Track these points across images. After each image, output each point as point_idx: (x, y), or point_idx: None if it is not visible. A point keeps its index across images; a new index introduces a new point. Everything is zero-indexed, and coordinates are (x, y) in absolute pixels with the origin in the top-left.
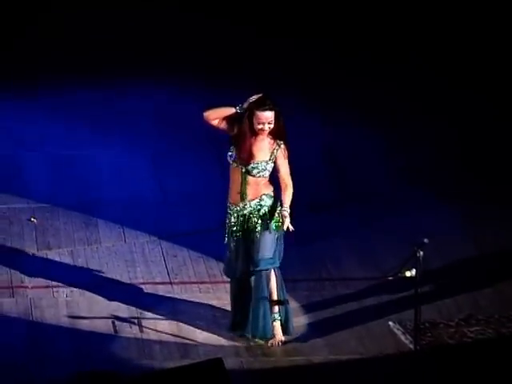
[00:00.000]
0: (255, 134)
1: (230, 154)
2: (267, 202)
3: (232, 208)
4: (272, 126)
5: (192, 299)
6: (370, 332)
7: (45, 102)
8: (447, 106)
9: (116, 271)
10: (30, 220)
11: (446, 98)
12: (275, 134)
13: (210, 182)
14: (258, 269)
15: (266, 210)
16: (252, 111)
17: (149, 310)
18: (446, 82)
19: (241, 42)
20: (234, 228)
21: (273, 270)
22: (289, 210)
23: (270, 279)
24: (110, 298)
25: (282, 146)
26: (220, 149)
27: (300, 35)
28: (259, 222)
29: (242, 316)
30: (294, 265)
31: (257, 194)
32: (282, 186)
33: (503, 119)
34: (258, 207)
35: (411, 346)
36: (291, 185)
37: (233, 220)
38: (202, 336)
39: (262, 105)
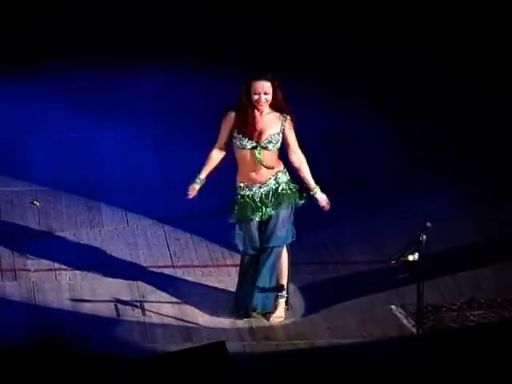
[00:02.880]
0: (255, 107)
1: (235, 140)
2: (283, 178)
3: (246, 189)
4: (269, 97)
5: (194, 282)
6: (372, 316)
7: (47, 85)
8: (450, 93)
9: (118, 254)
10: (32, 203)
11: (449, 85)
12: (276, 107)
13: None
14: (271, 245)
15: (284, 187)
16: (249, 83)
17: (151, 293)
18: (448, 69)
19: (243, 28)
20: (250, 209)
21: (285, 247)
22: (316, 186)
23: (281, 256)
24: (113, 281)
25: (288, 116)
26: None
27: (304, 22)
28: (277, 199)
29: (246, 291)
30: (296, 249)
31: (272, 172)
32: (297, 162)
33: (507, 105)
34: (276, 185)
35: (413, 330)
36: (303, 157)
37: (249, 201)
38: (204, 319)
39: (257, 75)
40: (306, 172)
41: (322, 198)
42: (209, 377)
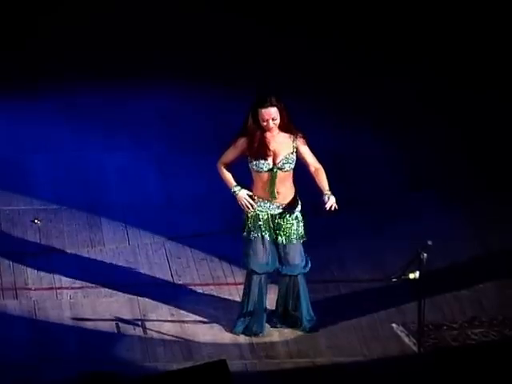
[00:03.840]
0: (264, 131)
1: (251, 165)
2: (299, 207)
3: (260, 204)
4: (277, 121)
5: (196, 301)
6: (373, 334)
7: (48, 103)
8: (454, 109)
9: (119, 273)
10: (33, 222)
11: (452, 100)
12: (284, 129)
13: (214, 183)
14: (290, 273)
15: (299, 215)
16: (255, 110)
17: (152, 312)
18: (450, 83)
19: (247, 43)
20: (264, 223)
21: (299, 277)
22: (330, 192)
23: (296, 284)
24: (114, 299)
25: (299, 134)
26: (224, 150)
27: (308, 35)
28: (294, 227)
29: (251, 312)
30: None
31: (290, 195)
32: (314, 170)
33: (510, 121)
34: (293, 213)
35: (415, 348)
36: (321, 166)
37: (262, 216)
38: (205, 338)
39: (263, 102)
40: (322, 177)
41: (331, 201)
42: None
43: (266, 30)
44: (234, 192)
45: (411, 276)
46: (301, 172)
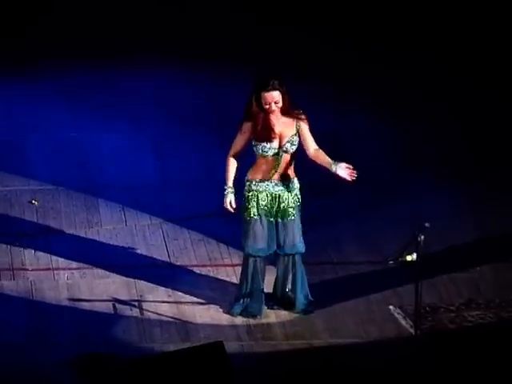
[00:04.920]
0: (268, 113)
1: (256, 148)
2: (297, 185)
3: (260, 184)
4: (280, 104)
5: (192, 282)
6: (370, 316)
7: (46, 84)
8: (451, 93)
9: (117, 254)
10: (30, 202)
11: (449, 85)
12: (285, 113)
13: (211, 165)
14: (289, 252)
15: (298, 193)
16: (257, 93)
17: (149, 293)
18: (448, 69)
19: (246, 28)
20: (264, 204)
21: (297, 257)
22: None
23: (294, 265)
24: (111, 280)
25: (303, 116)
26: (222, 132)
27: (302, 22)
28: (293, 204)
29: (249, 294)
30: None
31: (290, 174)
32: (315, 150)
33: (507, 106)
34: (292, 189)
35: (412, 331)
36: (318, 148)
37: (261, 197)
38: (202, 319)
39: (266, 85)
40: (322, 156)
41: (343, 171)
42: (207, 377)
43: (266, 15)
44: (225, 191)
45: (408, 258)
46: (299, 154)
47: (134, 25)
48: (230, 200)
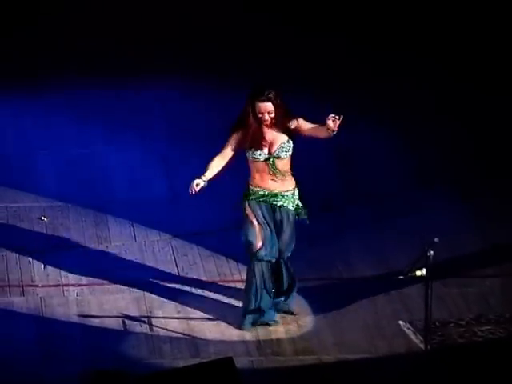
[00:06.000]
0: (261, 122)
1: (248, 154)
2: (297, 194)
3: (256, 191)
4: (273, 115)
5: (202, 298)
6: (380, 331)
7: (56, 101)
8: (459, 105)
9: (126, 270)
10: (40, 219)
11: (458, 96)
12: (279, 124)
13: (220, 180)
14: (287, 255)
15: (299, 203)
16: (252, 102)
17: (159, 309)
18: (457, 80)
19: (253, 39)
20: (263, 213)
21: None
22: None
23: (287, 264)
24: (120, 296)
25: (295, 121)
26: None
27: (313, 28)
28: (292, 212)
29: (258, 302)
30: (303, 265)
31: (288, 181)
32: (317, 126)
33: None
34: (292, 199)
35: (421, 346)
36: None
37: (259, 207)
38: (212, 335)
39: (260, 94)
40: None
41: (331, 122)
42: None
43: (270, 22)
44: (198, 178)
45: (418, 273)
46: (305, 169)
47: (142, 39)
48: (196, 183)
